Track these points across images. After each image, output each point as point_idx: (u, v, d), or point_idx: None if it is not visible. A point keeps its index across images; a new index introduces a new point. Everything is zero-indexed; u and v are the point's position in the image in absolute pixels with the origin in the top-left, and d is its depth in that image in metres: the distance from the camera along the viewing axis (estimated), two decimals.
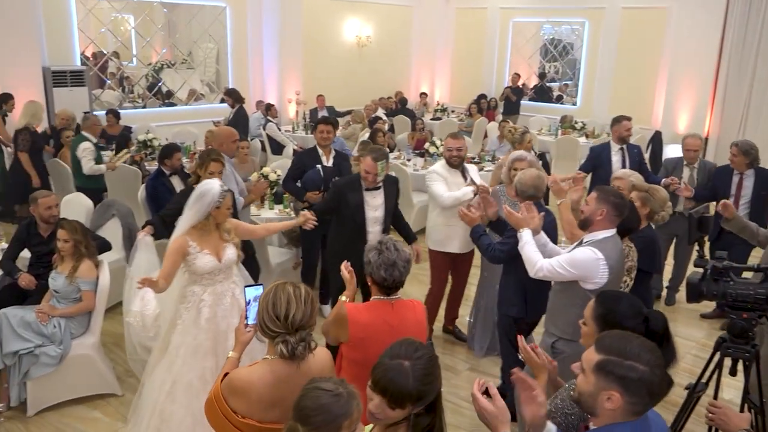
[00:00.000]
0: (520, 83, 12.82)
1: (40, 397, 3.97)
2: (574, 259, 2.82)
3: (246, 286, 2.34)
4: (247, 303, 2.27)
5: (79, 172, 6.45)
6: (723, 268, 2.40)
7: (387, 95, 12.75)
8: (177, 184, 5.60)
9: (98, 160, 6.54)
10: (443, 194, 4.31)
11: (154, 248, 4.01)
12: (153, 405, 3.33)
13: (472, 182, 4.34)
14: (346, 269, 2.84)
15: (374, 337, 2.47)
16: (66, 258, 4.02)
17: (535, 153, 6.87)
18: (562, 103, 13.19)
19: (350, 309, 2.52)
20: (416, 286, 5.54)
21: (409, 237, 4.43)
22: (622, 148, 5.87)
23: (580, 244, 2.92)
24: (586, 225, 2.90)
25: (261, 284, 2.33)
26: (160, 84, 11.15)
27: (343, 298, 2.64)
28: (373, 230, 4.16)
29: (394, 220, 4.36)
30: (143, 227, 4.13)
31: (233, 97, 8.50)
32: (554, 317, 3.02)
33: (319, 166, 5.24)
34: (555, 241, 3.47)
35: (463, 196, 4.25)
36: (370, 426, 1.87)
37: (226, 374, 2.09)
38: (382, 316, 2.48)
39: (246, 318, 2.26)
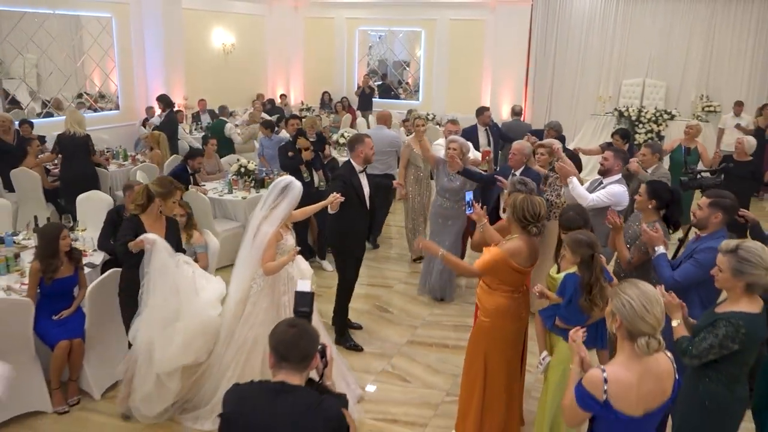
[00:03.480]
0: (371, 82, 14.85)
1: None
2: (613, 192, 4.70)
3: (467, 191, 3.96)
4: (467, 203, 3.89)
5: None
6: (696, 172, 4.60)
7: (251, 98, 13.90)
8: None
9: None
10: None
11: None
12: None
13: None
14: None
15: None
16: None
17: None
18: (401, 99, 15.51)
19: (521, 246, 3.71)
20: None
21: None
22: (486, 129, 8.11)
23: (600, 184, 4.91)
24: (605, 174, 4.90)
25: (471, 191, 3.99)
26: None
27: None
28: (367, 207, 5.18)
29: None
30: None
31: (164, 102, 9.20)
32: None
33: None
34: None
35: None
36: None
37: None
38: (532, 242, 3.73)
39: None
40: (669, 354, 2.43)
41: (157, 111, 10.79)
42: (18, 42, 9.73)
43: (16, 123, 8.92)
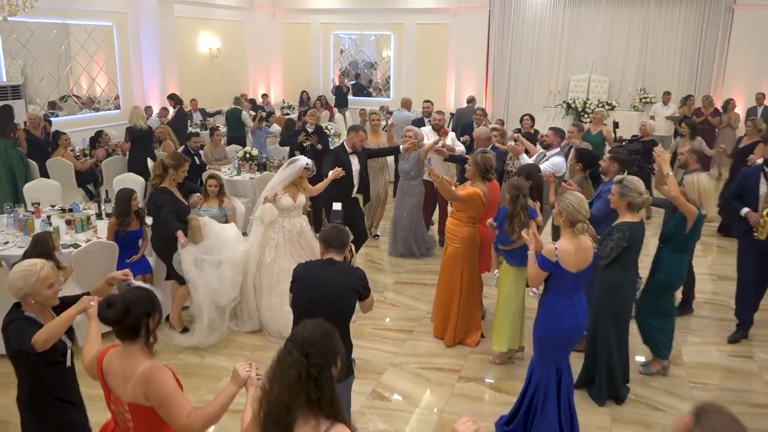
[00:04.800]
0: (346, 81, 16.26)
1: None
2: (554, 162, 6.16)
3: (428, 159, 5.37)
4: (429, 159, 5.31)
5: (235, 127, 10.96)
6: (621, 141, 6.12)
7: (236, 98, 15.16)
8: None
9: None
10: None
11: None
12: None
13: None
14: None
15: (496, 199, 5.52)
16: (211, 196, 6.29)
17: None
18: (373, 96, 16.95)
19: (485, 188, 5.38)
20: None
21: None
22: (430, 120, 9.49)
23: (544, 156, 6.38)
24: (548, 147, 6.38)
25: (430, 158, 5.41)
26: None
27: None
28: (354, 181, 6.73)
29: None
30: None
31: (174, 99, 10.46)
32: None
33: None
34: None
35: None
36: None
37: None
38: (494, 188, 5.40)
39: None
40: (590, 237, 3.94)
41: (156, 110, 12.05)
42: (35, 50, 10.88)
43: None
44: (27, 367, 3.11)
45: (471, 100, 11.52)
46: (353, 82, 17.13)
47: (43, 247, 4.30)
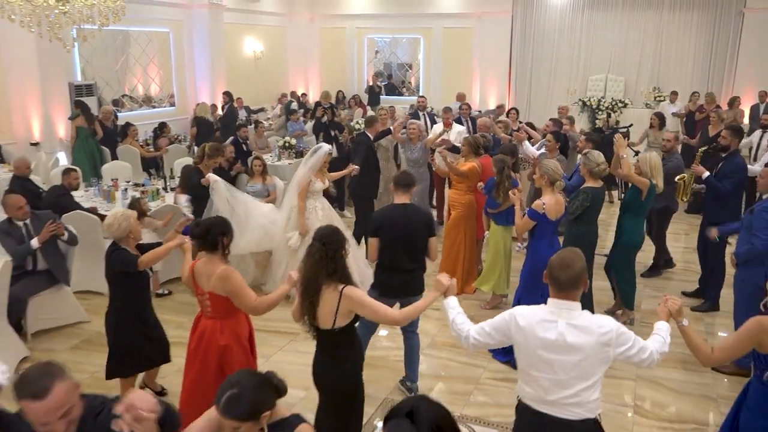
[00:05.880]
0: (378, 82, 17.51)
1: None
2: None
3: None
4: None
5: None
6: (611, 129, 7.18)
7: (276, 96, 16.54)
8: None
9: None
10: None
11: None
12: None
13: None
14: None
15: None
16: (256, 174, 7.57)
17: None
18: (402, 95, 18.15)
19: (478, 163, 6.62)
20: None
21: None
22: (424, 114, 10.42)
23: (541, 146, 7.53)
24: (530, 137, 7.52)
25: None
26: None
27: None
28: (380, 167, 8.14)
29: None
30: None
31: (228, 96, 11.96)
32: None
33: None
34: None
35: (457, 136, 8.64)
36: None
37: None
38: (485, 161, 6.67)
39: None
40: (563, 195, 5.13)
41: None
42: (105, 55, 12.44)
43: None
44: (123, 289, 4.30)
45: (500, 107, 12.27)
46: (385, 82, 18.35)
47: (135, 206, 5.68)
